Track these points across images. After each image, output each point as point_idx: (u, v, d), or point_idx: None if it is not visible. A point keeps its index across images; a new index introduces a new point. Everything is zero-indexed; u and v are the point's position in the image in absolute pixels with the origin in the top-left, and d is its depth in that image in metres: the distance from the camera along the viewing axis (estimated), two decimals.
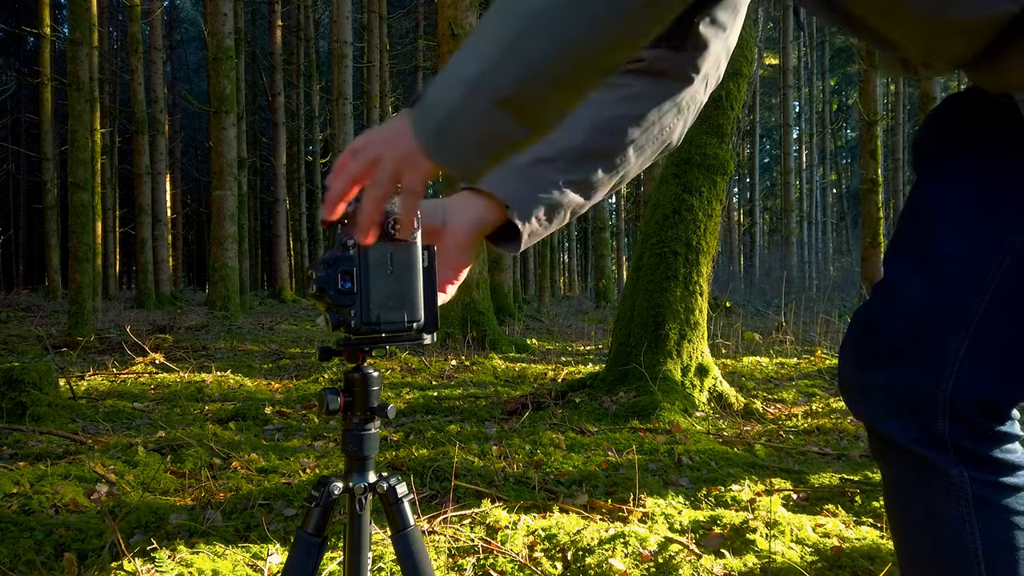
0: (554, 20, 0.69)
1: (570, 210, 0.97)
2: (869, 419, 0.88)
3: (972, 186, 0.83)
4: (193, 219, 35.41)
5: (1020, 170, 0.79)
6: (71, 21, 8.16)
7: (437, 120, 0.74)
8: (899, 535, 0.90)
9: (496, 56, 0.71)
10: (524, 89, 0.71)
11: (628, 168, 0.99)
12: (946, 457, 0.82)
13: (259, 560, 1.89)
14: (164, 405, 4.22)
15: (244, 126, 18.85)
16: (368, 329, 0.84)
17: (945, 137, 0.88)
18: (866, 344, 0.88)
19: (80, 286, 7.86)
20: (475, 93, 0.72)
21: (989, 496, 0.82)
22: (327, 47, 25.69)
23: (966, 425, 0.82)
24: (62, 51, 22.13)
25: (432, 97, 0.75)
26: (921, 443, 0.83)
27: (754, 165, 29.59)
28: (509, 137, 0.75)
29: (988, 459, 0.82)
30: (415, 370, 5.68)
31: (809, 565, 1.88)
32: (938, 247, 0.84)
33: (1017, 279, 0.79)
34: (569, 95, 0.74)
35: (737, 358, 6.49)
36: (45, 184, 17.90)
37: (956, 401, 0.81)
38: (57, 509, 2.22)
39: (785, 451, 3.13)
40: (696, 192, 4.02)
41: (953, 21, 0.74)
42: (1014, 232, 0.79)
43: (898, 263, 0.87)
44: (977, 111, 0.85)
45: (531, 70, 0.70)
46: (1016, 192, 0.80)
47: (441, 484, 2.48)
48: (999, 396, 0.82)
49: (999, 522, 0.82)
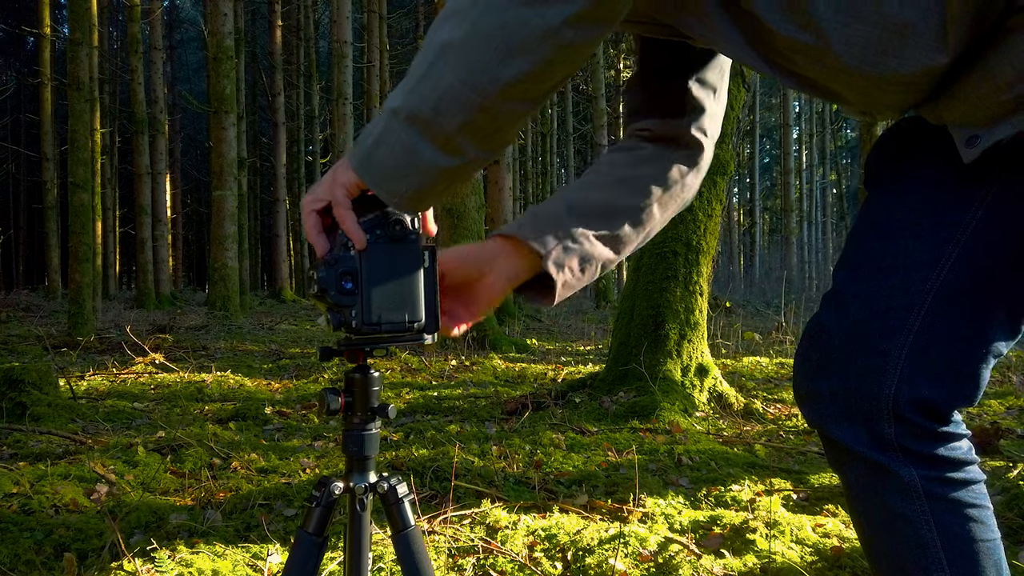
0: (456, 50, 0.74)
1: (601, 264, 1.00)
2: (820, 425, 0.92)
3: (913, 203, 0.89)
4: (193, 219, 35.41)
5: (954, 189, 0.85)
6: (71, 21, 8.16)
7: (366, 146, 0.80)
8: (865, 538, 0.94)
9: (412, 84, 0.77)
10: (436, 109, 0.75)
11: (654, 224, 1.05)
12: (895, 459, 0.87)
13: (259, 560, 1.89)
14: (164, 405, 4.22)
15: (244, 126, 18.84)
16: (369, 329, 0.84)
17: (891, 158, 0.93)
18: (815, 352, 0.93)
19: (80, 286, 7.86)
20: (394, 116, 0.78)
21: (940, 492, 0.86)
22: (327, 47, 25.70)
23: (909, 427, 0.86)
24: (62, 51, 22.12)
25: (366, 129, 0.81)
26: (870, 447, 0.87)
27: (754, 165, 29.59)
28: (430, 162, 0.78)
29: (934, 457, 0.87)
30: (415, 370, 5.69)
31: (809, 565, 1.88)
32: (881, 258, 0.89)
33: (952, 288, 0.84)
34: (483, 122, 0.76)
35: (737, 358, 6.49)
36: (45, 184, 17.90)
37: (898, 404, 0.85)
38: (57, 509, 2.22)
39: (785, 451, 3.13)
40: (696, 192, 4.02)
41: (889, 76, 0.81)
42: (949, 246, 0.85)
43: (845, 273, 0.92)
44: (922, 134, 0.90)
45: (439, 92, 0.75)
46: (949, 209, 0.85)
47: (441, 484, 2.48)
48: (938, 399, 0.86)
49: (954, 516, 0.86)
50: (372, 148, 0.79)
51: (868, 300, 0.88)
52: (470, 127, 0.76)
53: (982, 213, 0.83)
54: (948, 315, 0.85)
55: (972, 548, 0.86)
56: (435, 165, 0.78)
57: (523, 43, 0.72)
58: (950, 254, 0.84)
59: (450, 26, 0.75)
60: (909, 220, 0.88)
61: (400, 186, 0.79)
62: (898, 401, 0.85)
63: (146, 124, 15.73)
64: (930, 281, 0.85)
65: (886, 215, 0.91)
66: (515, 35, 0.72)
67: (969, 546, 0.86)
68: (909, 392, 0.85)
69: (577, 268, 0.96)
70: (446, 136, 0.76)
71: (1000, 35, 0.76)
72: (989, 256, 0.84)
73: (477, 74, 0.73)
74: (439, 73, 0.75)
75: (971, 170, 0.83)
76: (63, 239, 16.19)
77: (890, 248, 0.88)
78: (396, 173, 0.79)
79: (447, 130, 0.75)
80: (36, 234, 29.99)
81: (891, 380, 0.85)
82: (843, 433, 0.88)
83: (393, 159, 0.78)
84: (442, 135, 0.76)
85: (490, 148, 0.79)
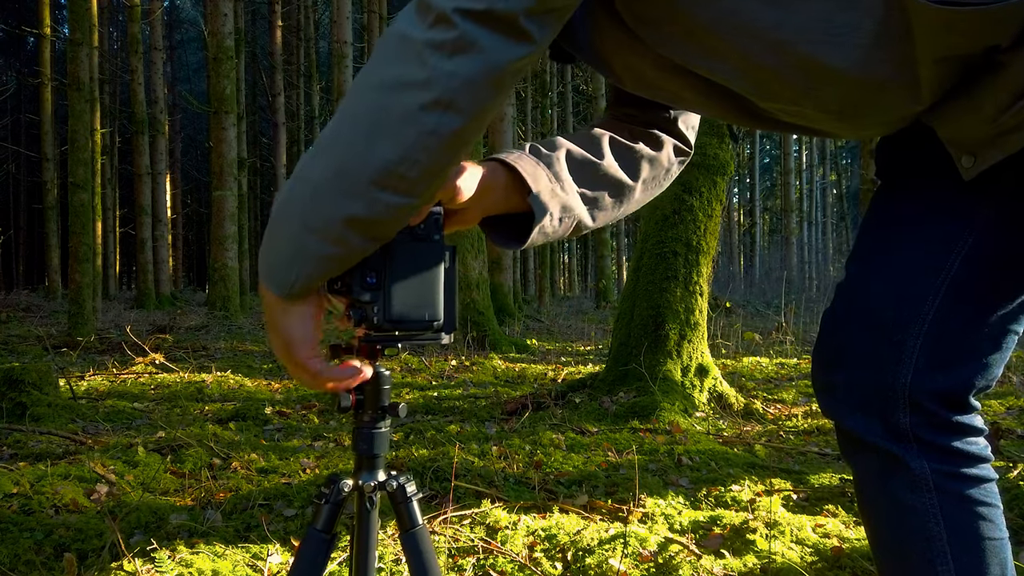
0: (331, 144, 0.75)
1: (575, 223, 0.98)
2: (835, 416, 0.92)
3: (926, 193, 0.89)
4: (193, 219, 35.39)
5: (967, 179, 0.85)
6: (71, 21, 8.17)
7: (264, 257, 0.79)
8: (871, 529, 0.94)
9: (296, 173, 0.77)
10: (314, 197, 0.74)
11: (630, 202, 1.04)
12: (908, 450, 0.86)
13: (259, 560, 1.89)
14: (164, 405, 4.22)
15: (244, 126, 18.84)
16: (390, 326, 0.84)
17: (903, 149, 0.93)
18: (830, 343, 0.93)
19: (80, 286, 7.86)
20: (278, 216, 0.77)
21: (952, 487, 0.86)
22: (327, 47, 25.69)
23: (926, 416, 0.86)
24: (62, 51, 22.12)
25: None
26: (884, 437, 0.87)
27: (754, 165, 29.60)
28: (315, 252, 0.76)
29: (949, 450, 0.86)
30: (415, 370, 5.69)
31: (809, 565, 1.88)
32: (894, 249, 0.89)
33: (967, 276, 0.84)
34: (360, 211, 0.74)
35: (737, 358, 6.49)
36: (45, 184, 17.89)
37: (915, 393, 0.85)
38: (57, 509, 2.22)
39: (785, 451, 3.13)
40: (696, 192, 4.02)
41: (868, 121, 0.86)
42: (963, 235, 0.85)
43: (858, 264, 0.93)
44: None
45: (316, 179, 0.74)
46: (962, 198, 0.85)
47: (441, 484, 2.47)
48: (955, 386, 0.86)
49: (963, 512, 0.86)
50: (266, 250, 0.79)
51: (881, 291, 0.88)
52: (350, 220, 0.73)
53: (996, 201, 0.83)
54: (963, 303, 0.85)
55: (980, 545, 0.85)
56: (320, 254, 0.76)
57: (386, 126, 0.70)
58: (964, 243, 0.84)
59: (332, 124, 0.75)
60: (922, 210, 0.88)
61: (290, 275, 0.77)
62: (914, 390, 0.85)
63: (146, 124, 15.73)
64: (944, 270, 0.85)
65: (898, 205, 0.91)
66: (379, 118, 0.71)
67: (977, 543, 0.85)
68: (925, 381, 0.85)
69: (557, 216, 0.95)
70: (326, 227, 0.74)
71: (979, 74, 0.77)
72: (1003, 244, 0.84)
73: (347, 161, 0.72)
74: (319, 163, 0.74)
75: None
76: (63, 239, 16.19)
77: (903, 238, 0.88)
78: (286, 263, 0.77)
79: (326, 220, 0.74)
80: (36, 234, 29.98)
81: (906, 370, 0.85)
82: (857, 423, 0.88)
83: (283, 252, 0.77)
84: (322, 226, 0.74)
85: (373, 237, 0.77)
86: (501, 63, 0.71)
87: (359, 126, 0.72)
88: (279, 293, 0.78)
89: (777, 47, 0.78)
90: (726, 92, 0.87)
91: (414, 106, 0.69)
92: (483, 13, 0.69)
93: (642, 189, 1.04)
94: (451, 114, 0.70)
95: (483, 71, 0.70)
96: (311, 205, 0.74)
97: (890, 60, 0.76)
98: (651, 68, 0.89)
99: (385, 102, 0.71)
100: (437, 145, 0.71)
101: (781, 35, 0.77)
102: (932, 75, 0.77)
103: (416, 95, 0.69)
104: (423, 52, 0.69)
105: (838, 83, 0.79)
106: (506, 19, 0.70)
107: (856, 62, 0.76)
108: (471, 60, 0.69)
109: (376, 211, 0.73)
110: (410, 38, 0.71)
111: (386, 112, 0.70)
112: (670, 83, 0.90)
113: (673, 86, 0.91)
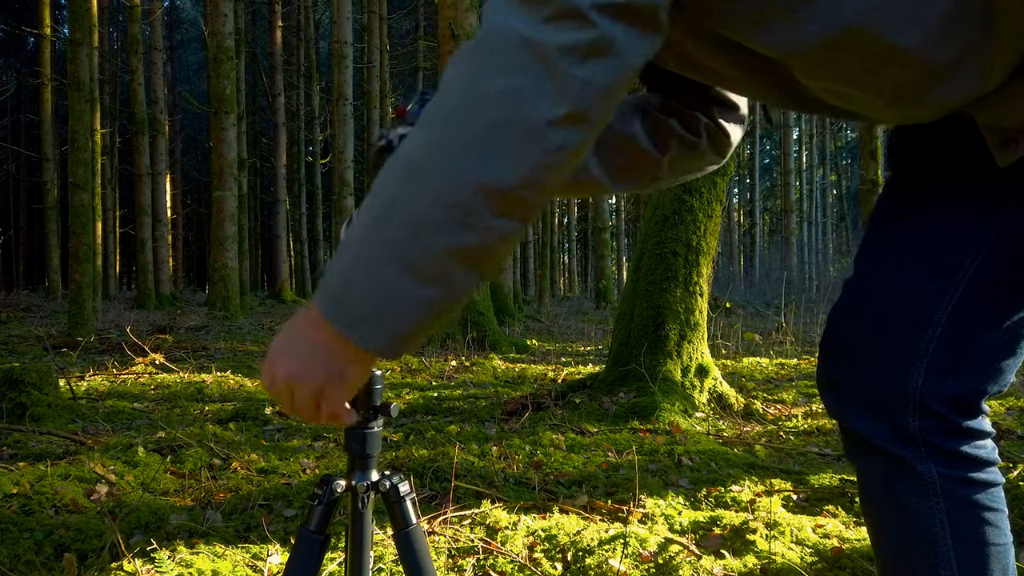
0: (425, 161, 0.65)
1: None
2: (839, 415, 0.89)
3: (941, 190, 0.85)
4: (193, 219, 35.38)
5: (986, 177, 0.81)
6: (71, 21, 8.16)
7: (334, 288, 0.68)
8: (873, 530, 0.92)
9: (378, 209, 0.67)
10: (413, 233, 0.65)
11: (659, 178, 1.02)
12: (916, 453, 0.84)
13: (259, 560, 1.89)
14: (164, 405, 4.22)
15: (244, 126, 18.83)
16: None
17: (918, 142, 0.89)
18: (837, 341, 0.89)
19: (80, 286, 7.86)
20: (363, 250, 0.67)
21: (958, 491, 0.84)
22: (327, 47, 25.69)
23: (936, 421, 0.83)
24: (62, 51, 22.12)
25: (327, 272, 0.70)
26: (891, 440, 0.84)
27: (754, 165, 29.58)
28: (411, 295, 0.66)
29: (958, 455, 0.84)
30: (415, 370, 5.69)
31: (809, 566, 1.87)
32: (907, 247, 0.85)
33: (982, 279, 0.81)
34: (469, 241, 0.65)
35: (737, 359, 6.49)
36: (45, 184, 17.89)
37: (925, 397, 0.82)
38: (57, 509, 2.22)
39: (785, 452, 3.13)
40: (696, 193, 4.02)
41: (920, 112, 0.80)
42: (980, 236, 0.80)
43: (868, 262, 0.88)
44: (950, 116, 0.86)
45: (411, 213, 0.65)
46: (980, 198, 0.82)
47: (441, 484, 2.47)
48: (967, 390, 0.83)
49: (969, 517, 0.84)
50: (342, 289, 0.67)
51: (893, 291, 0.84)
52: (457, 252, 0.64)
53: (1016, 203, 0.80)
54: (980, 304, 0.81)
55: (984, 551, 0.84)
56: (424, 298, 0.66)
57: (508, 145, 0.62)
58: (986, 241, 0.81)
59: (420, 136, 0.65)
60: (942, 205, 0.84)
61: (390, 326, 0.67)
62: (925, 394, 0.82)
63: (146, 124, 15.72)
64: (963, 269, 0.81)
65: (915, 199, 0.87)
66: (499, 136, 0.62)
67: (981, 548, 0.84)
68: (937, 385, 0.82)
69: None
70: (429, 264, 0.65)
71: None
72: (1020, 247, 0.80)
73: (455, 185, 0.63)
74: (408, 191, 0.64)
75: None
76: (63, 239, 16.18)
77: (917, 236, 0.84)
78: (382, 313, 0.66)
79: (429, 256, 0.65)
80: (36, 234, 29.98)
81: (917, 373, 0.82)
82: (863, 425, 0.86)
83: (373, 297, 0.66)
84: (424, 264, 0.65)
85: (469, 286, 0.68)
86: (636, 64, 0.64)
87: (468, 145, 0.62)
88: (371, 347, 0.67)
89: (845, 25, 0.72)
90: (772, 70, 0.80)
91: (541, 122, 0.61)
92: (624, 7, 0.62)
93: (670, 166, 0.99)
94: (580, 127, 0.63)
95: (618, 76, 0.63)
96: (407, 239, 0.64)
97: (964, 41, 0.71)
98: (694, 45, 0.83)
99: (503, 117, 0.61)
100: (561, 163, 0.63)
101: (851, 11, 0.71)
102: (1007, 58, 0.72)
103: (544, 109, 0.61)
104: (550, 57, 0.61)
105: (905, 64, 0.74)
106: (646, 11, 0.63)
107: (927, 42, 0.71)
108: (607, 65, 0.62)
109: (489, 240, 0.64)
110: (530, 40, 0.61)
111: (506, 129, 0.61)
112: (712, 60, 0.84)
113: (716, 63, 0.85)
